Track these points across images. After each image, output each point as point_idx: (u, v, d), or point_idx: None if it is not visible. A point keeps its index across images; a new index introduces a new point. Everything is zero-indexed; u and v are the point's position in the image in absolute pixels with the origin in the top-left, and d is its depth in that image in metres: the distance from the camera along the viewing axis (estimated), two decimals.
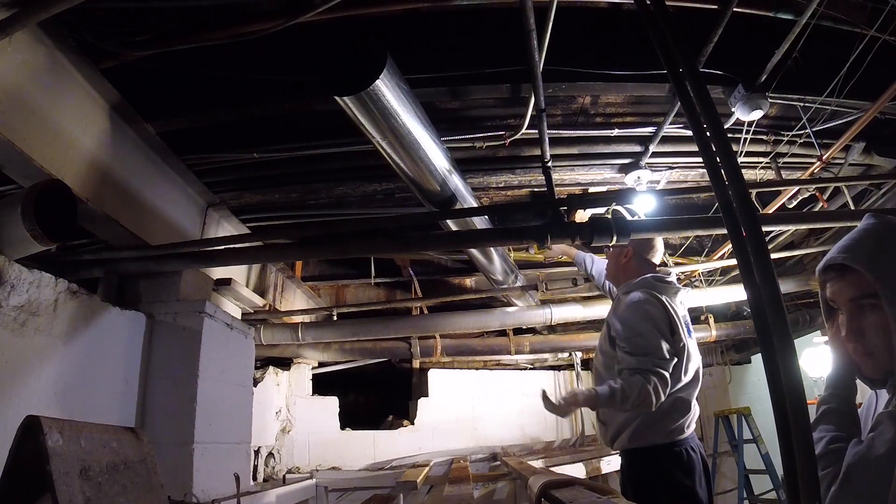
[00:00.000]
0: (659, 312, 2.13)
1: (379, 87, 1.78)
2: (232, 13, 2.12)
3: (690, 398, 2.16)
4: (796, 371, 0.75)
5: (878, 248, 0.95)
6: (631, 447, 2.13)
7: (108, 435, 1.45)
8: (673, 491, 2.00)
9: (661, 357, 2.04)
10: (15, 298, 1.90)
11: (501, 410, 5.59)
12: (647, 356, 2.04)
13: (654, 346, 2.06)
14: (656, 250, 2.41)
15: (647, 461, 2.09)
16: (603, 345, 2.30)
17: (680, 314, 2.21)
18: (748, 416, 5.47)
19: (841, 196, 3.36)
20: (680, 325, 2.16)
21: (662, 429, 2.09)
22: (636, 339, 2.09)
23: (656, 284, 2.24)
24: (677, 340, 2.12)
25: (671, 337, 2.11)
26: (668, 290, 2.24)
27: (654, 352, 2.05)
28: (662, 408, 2.02)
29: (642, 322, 2.12)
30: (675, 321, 2.15)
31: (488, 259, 3.42)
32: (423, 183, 2.34)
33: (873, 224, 0.99)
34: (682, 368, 2.11)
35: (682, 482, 2.02)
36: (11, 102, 1.81)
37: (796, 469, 0.72)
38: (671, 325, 2.13)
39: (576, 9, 2.37)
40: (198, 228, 3.11)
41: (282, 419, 4.51)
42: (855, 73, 2.44)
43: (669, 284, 2.26)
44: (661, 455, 2.07)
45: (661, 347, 2.05)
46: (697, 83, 0.96)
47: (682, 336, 2.14)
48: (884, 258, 0.93)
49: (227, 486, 2.66)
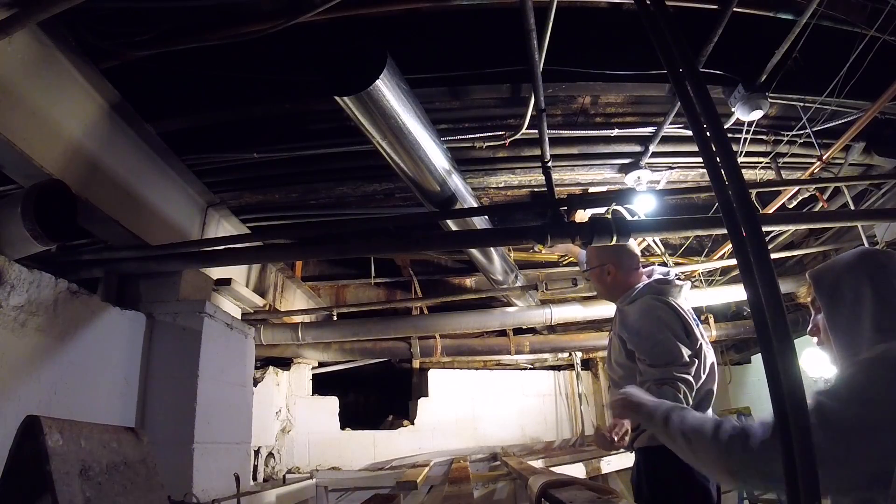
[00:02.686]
0: (671, 317, 2.12)
1: (379, 87, 1.78)
2: (232, 13, 2.12)
3: (712, 394, 2.15)
4: (796, 371, 0.75)
5: (830, 266, 1.24)
6: (651, 445, 2.13)
7: (108, 435, 1.45)
8: (690, 490, 2.00)
9: (683, 363, 2.03)
10: (15, 298, 1.90)
11: (501, 410, 5.59)
12: (669, 365, 2.03)
13: (676, 353, 2.04)
14: (634, 253, 2.36)
15: (667, 459, 2.08)
16: (619, 358, 2.27)
17: (686, 310, 2.20)
18: (748, 416, 5.47)
19: (841, 196, 3.36)
20: (692, 325, 2.16)
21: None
22: (656, 348, 2.08)
23: (661, 288, 2.21)
24: (694, 341, 2.11)
25: (688, 339, 2.10)
26: (673, 290, 2.23)
27: (675, 359, 2.03)
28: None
29: (659, 331, 2.10)
30: (688, 322, 2.14)
31: (488, 259, 3.42)
32: (423, 183, 2.34)
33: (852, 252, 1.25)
34: (702, 367, 2.11)
35: (700, 481, 2.01)
36: (11, 102, 1.80)
37: (796, 469, 0.72)
38: (686, 328, 2.12)
39: (576, 9, 2.37)
40: (198, 228, 3.11)
41: (282, 419, 4.51)
42: (855, 73, 2.44)
43: (671, 284, 2.25)
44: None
45: (682, 353, 2.04)
46: (697, 83, 0.96)
47: (698, 335, 2.14)
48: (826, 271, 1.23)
49: (227, 486, 2.66)
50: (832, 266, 1.24)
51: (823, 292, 1.21)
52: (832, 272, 1.22)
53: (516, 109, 2.75)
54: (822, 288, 1.22)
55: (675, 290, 2.23)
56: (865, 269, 1.16)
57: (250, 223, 3.54)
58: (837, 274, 1.21)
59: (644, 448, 2.15)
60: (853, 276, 1.16)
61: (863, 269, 1.17)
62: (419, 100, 2.07)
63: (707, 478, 2.01)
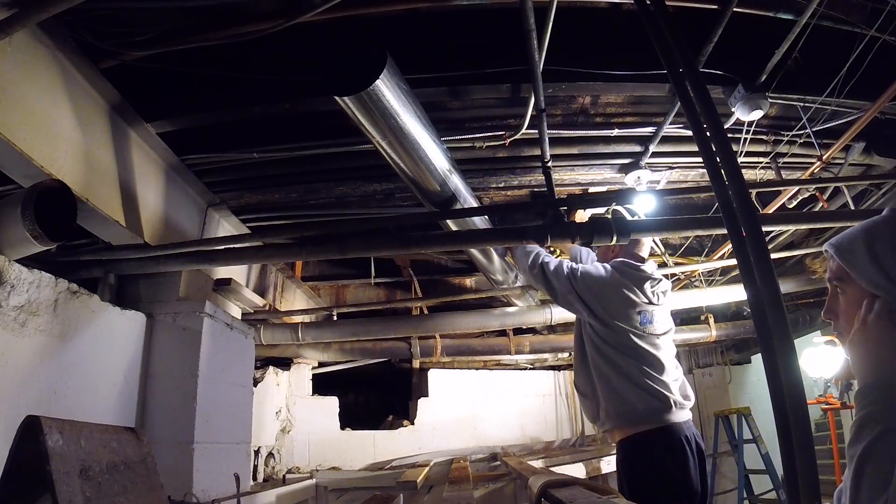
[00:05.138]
0: (610, 277, 2.25)
1: (379, 87, 1.78)
2: (232, 13, 2.12)
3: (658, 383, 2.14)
4: (796, 371, 0.75)
5: (858, 236, 0.95)
6: (626, 437, 2.15)
7: (108, 435, 1.45)
8: (665, 482, 2.01)
9: (576, 279, 2.24)
10: (15, 298, 1.90)
11: (501, 410, 5.59)
12: (567, 267, 2.29)
13: (584, 272, 2.27)
14: (642, 244, 2.44)
15: (641, 452, 2.11)
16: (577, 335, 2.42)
17: (643, 300, 2.23)
18: (748, 416, 5.48)
19: (841, 196, 3.36)
20: (634, 306, 2.21)
21: (636, 413, 2.12)
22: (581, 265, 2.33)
23: (623, 270, 2.28)
24: (618, 308, 2.21)
25: (607, 297, 2.22)
26: (634, 276, 2.26)
27: (578, 272, 2.26)
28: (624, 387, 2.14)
29: (594, 265, 2.34)
30: (628, 296, 2.21)
31: (488, 259, 3.42)
32: (423, 183, 2.34)
33: (878, 217, 0.98)
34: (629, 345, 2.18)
35: (676, 474, 2.02)
36: (11, 102, 1.80)
37: (796, 469, 0.72)
38: (616, 293, 2.21)
39: (576, 9, 2.37)
40: (198, 228, 3.11)
41: (282, 419, 4.51)
42: (855, 73, 2.44)
43: (637, 270, 2.28)
44: (650, 443, 2.09)
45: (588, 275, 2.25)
46: (697, 83, 0.96)
47: (630, 313, 2.20)
48: (856, 242, 0.94)
49: (227, 486, 2.66)
50: (860, 235, 0.95)
51: (856, 261, 0.92)
52: (863, 244, 0.92)
53: (516, 109, 2.75)
54: (855, 256, 0.93)
55: (636, 277, 2.27)
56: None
57: (250, 223, 3.54)
58: (871, 237, 0.92)
59: (621, 441, 2.17)
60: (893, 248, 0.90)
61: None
62: (419, 100, 2.07)
63: (685, 470, 2.02)
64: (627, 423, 2.15)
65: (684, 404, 2.15)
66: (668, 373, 2.18)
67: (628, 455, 2.14)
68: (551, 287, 2.32)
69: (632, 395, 2.12)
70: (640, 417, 2.11)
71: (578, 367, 2.38)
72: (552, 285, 2.31)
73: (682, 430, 2.09)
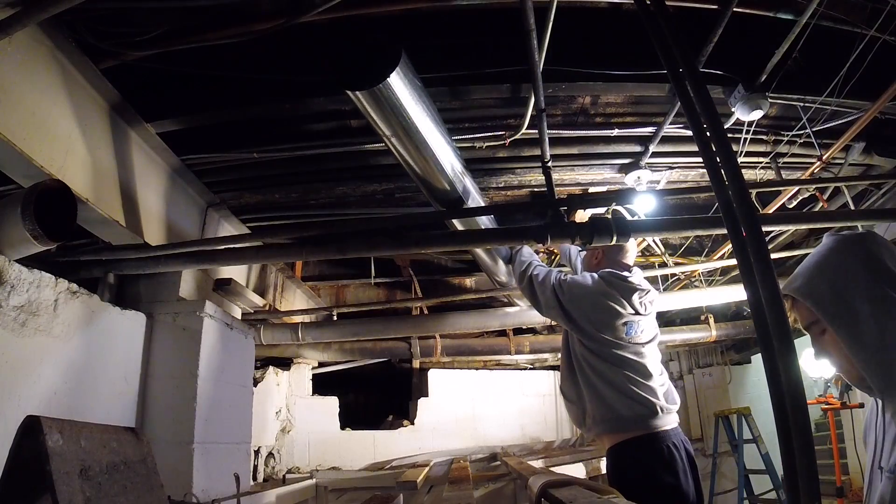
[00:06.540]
0: (597, 289, 2.23)
1: (393, 81, 1.76)
2: (232, 13, 2.11)
3: (644, 389, 2.13)
4: (796, 371, 0.75)
5: (815, 275, 1.07)
6: (617, 443, 2.14)
7: (108, 435, 1.45)
8: (657, 490, 1.99)
9: (563, 291, 2.23)
10: (15, 298, 1.90)
11: (501, 410, 5.59)
12: (555, 279, 2.28)
13: (572, 283, 2.25)
14: (627, 251, 2.39)
15: (632, 460, 2.09)
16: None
17: (630, 312, 2.20)
18: (748, 416, 5.47)
19: (841, 196, 3.36)
20: (620, 318, 2.18)
21: (621, 419, 2.11)
22: (570, 277, 2.33)
23: (611, 281, 2.24)
24: (603, 320, 2.18)
25: (593, 310, 2.20)
26: (623, 287, 2.23)
27: (565, 285, 2.25)
28: (610, 394, 2.13)
29: (582, 276, 2.32)
30: (615, 308, 2.18)
31: (493, 259, 3.41)
32: (433, 181, 2.32)
33: (820, 249, 1.11)
34: (614, 355, 2.16)
35: (667, 481, 2.00)
36: (11, 102, 1.80)
37: (796, 469, 0.72)
38: (602, 305, 2.19)
39: (576, 9, 2.37)
40: (198, 228, 3.11)
41: (282, 419, 4.51)
42: (855, 73, 2.44)
43: (624, 281, 2.24)
44: (639, 449, 2.08)
45: (575, 286, 2.24)
46: (697, 83, 0.96)
47: (615, 325, 2.18)
48: (817, 283, 1.05)
49: (227, 486, 2.66)
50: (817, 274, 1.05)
51: (829, 312, 0.99)
52: (825, 283, 1.02)
53: (516, 109, 2.75)
54: (825, 307, 1.00)
55: (623, 288, 2.23)
56: (864, 267, 0.99)
57: (250, 223, 3.54)
58: (832, 283, 1.01)
59: (611, 449, 2.17)
60: (855, 281, 0.98)
61: (860, 267, 1.00)
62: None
63: (676, 477, 2.01)
64: (614, 429, 2.13)
65: (670, 409, 2.14)
66: (654, 379, 2.17)
67: (619, 462, 2.13)
68: (536, 299, 2.35)
69: (617, 401, 2.11)
70: (626, 424, 2.10)
71: (565, 373, 2.36)
72: (537, 297, 2.34)
73: (669, 437, 2.08)
